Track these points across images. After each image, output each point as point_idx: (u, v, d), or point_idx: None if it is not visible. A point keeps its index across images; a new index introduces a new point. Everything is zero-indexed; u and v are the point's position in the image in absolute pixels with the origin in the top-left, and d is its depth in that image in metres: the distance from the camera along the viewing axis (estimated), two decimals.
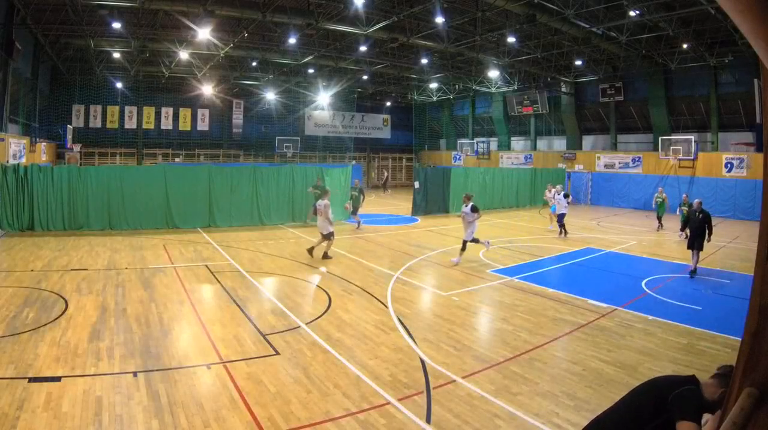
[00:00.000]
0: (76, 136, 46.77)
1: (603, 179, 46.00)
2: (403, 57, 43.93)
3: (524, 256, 21.21)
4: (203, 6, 27.58)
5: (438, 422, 7.68)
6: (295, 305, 13.53)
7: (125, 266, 17.31)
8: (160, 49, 39.84)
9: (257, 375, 9.10)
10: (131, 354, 9.79)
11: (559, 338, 11.46)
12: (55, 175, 23.80)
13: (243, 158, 58.62)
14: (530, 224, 31.28)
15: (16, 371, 8.75)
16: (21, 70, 34.07)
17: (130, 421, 7.37)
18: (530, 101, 52.50)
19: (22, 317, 11.66)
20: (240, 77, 49.59)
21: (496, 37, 36.04)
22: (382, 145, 69.00)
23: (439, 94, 61.12)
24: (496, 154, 58.60)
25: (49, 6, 30.07)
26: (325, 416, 7.76)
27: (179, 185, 25.34)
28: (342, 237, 24.64)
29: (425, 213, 34.08)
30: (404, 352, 10.47)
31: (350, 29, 32.62)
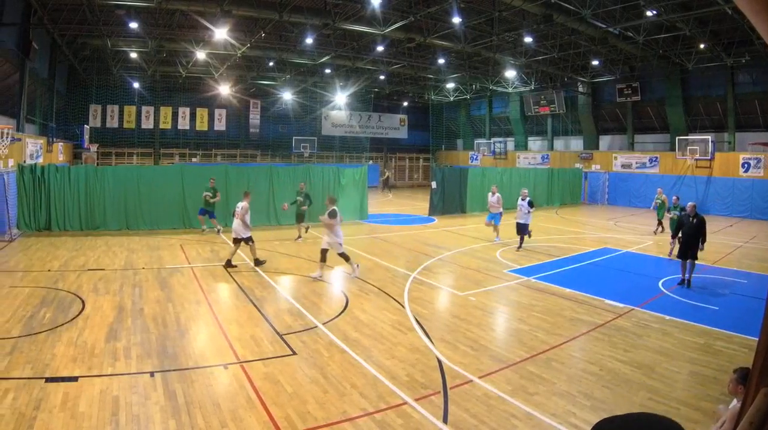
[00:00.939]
0: (93, 136, 46.94)
1: (620, 179, 45.75)
2: (419, 57, 43.87)
3: (541, 256, 21.14)
4: (220, 6, 27.68)
5: (455, 422, 7.69)
6: (311, 305, 13.57)
7: (142, 266, 17.38)
8: (177, 49, 40.03)
9: (274, 375, 9.12)
10: (148, 354, 9.84)
11: (576, 338, 11.45)
12: (72, 175, 23.93)
13: (260, 158, 58.62)
14: (547, 224, 31.14)
15: (33, 371, 8.81)
16: (38, 70, 34.19)
17: (147, 421, 7.41)
18: (547, 101, 52.31)
19: (39, 316, 11.75)
20: (257, 77, 49.65)
21: (513, 37, 35.92)
22: (398, 145, 68.87)
23: (456, 94, 60.93)
24: (513, 154, 58.42)
25: (65, 6, 30.26)
26: (342, 416, 7.79)
27: (196, 185, 25.34)
28: (359, 237, 24.72)
29: (442, 213, 34.03)
30: (421, 352, 10.48)
31: (367, 29, 32.65)
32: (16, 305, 12.58)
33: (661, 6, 27.70)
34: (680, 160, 40.85)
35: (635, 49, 37.03)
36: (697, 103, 41.42)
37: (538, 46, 38.27)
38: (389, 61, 43.85)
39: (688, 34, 31.75)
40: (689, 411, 8.09)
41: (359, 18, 31.08)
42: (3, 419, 7.17)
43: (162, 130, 53.95)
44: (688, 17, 29.19)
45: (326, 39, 37.67)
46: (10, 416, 7.28)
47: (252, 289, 15.00)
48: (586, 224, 31.69)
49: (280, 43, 39.48)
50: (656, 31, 32.97)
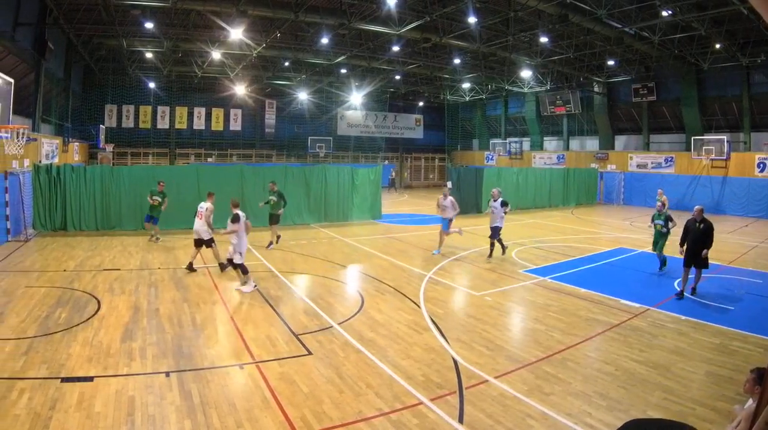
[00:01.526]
0: (108, 136, 47.06)
1: (635, 179, 45.52)
2: (435, 57, 43.80)
3: (557, 256, 21.12)
4: (236, 6, 27.75)
5: (470, 422, 7.71)
6: (327, 305, 13.60)
7: (158, 266, 17.45)
8: (192, 49, 40.19)
9: (290, 375, 9.16)
10: (164, 354, 9.90)
11: (592, 338, 11.45)
12: (88, 175, 24.07)
13: (276, 158, 58.63)
14: (563, 224, 31.07)
15: (48, 371, 8.88)
16: (53, 70, 34.39)
17: (163, 421, 7.46)
18: (563, 101, 52.15)
19: (55, 316, 11.83)
20: (272, 77, 49.71)
21: (528, 37, 35.87)
22: (414, 145, 68.75)
23: (472, 94, 60.73)
24: (529, 154, 58.25)
25: (81, 6, 30.37)
26: (358, 416, 7.81)
27: (212, 185, 25.24)
28: (374, 237, 24.79)
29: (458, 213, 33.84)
30: (437, 352, 10.50)
31: (383, 29, 32.62)
32: (31, 305, 12.68)
33: (676, 6, 27.56)
34: (696, 160, 40.60)
35: (651, 49, 36.93)
36: (713, 103, 41.18)
37: (553, 46, 38.13)
38: (405, 61, 43.79)
39: (704, 34, 31.53)
40: (705, 411, 8.09)
41: (375, 18, 31.08)
42: (19, 419, 7.23)
43: (177, 130, 54.12)
44: (704, 17, 29.02)
45: (342, 39, 37.69)
46: (26, 416, 7.34)
47: (267, 289, 15.05)
48: (601, 223, 31.59)
49: (296, 43, 39.55)
50: (672, 31, 32.82)
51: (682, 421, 3.91)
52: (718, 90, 40.59)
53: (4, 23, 23.73)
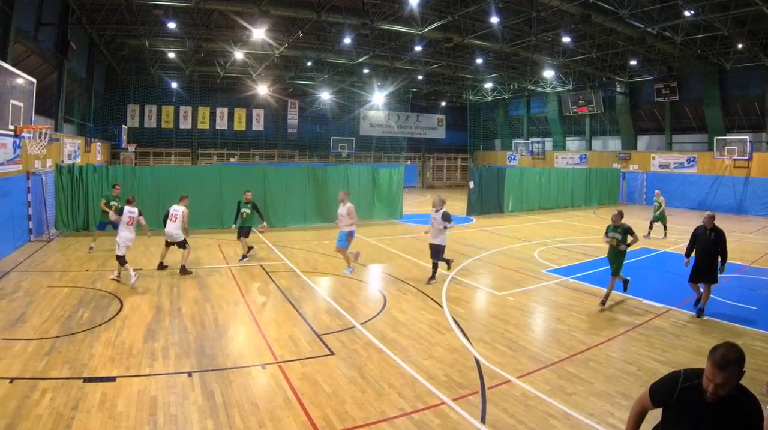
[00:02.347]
0: (131, 136, 47.46)
1: (658, 179, 45.16)
2: (457, 57, 43.80)
3: (579, 256, 21.07)
4: (258, 6, 27.86)
5: (493, 422, 7.69)
6: (350, 305, 13.62)
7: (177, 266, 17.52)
8: (215, 49, 40.42)
9: (312, 375, 9.17)
10: (186, 354, 9.94)
11: (614, 338, 11.42)
12: (110, 175, 24.10)
13: (298, 158, 59.02)
14: (585, 224, 30.93)
15: (71, 371, 8.94)
16: (76, 70, 34.69)
17: (185, 421, 7.49)
18: (585, 101, 51.97)
19: (77, 316, 11.92)
20: (295, 77, 49.89)
21: (551, 37, 35.74)
22: (436, 145, 68.82)
23: (494, 94, 60.66)
24: (551, 154, 58.23)
25: (103, 6, 30.65)
26: (380, 416, 7.82)
27: (234, 185, 25.38)
28: (396, 237, 24.78)
29: (480, 213, 33.96)
30: (459, 352, 10.49)
31: (405, 29, 32.68)
32: (54, 305, 12.77)
33: (698, 6, 27.43)
34: (718, 160, 40.44)
35: (673, 49, 36.80)
36: (735, 103, 40.93)
37: (576, 46, 38.04)
38: (427, 61, 43.85)
39: (726, 34, 31.38)
40: None
41: (397, 18, 31.10)
42: (41, 420, 7.28)
43: (200, 130, 54.52)
44: (726, 17, 28.83)
45: (364, 39, 37.79)
46: (48, 416, 7.38)
47: (290, 289, 15.07)
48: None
49: (318, 43, 39.72)
50: (694, 31, 32.64)
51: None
52: (740, 90, 40.33)
53: (26, 23, 23.94)
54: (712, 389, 3.86)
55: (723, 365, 3.87)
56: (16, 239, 19.74)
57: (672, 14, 29.65)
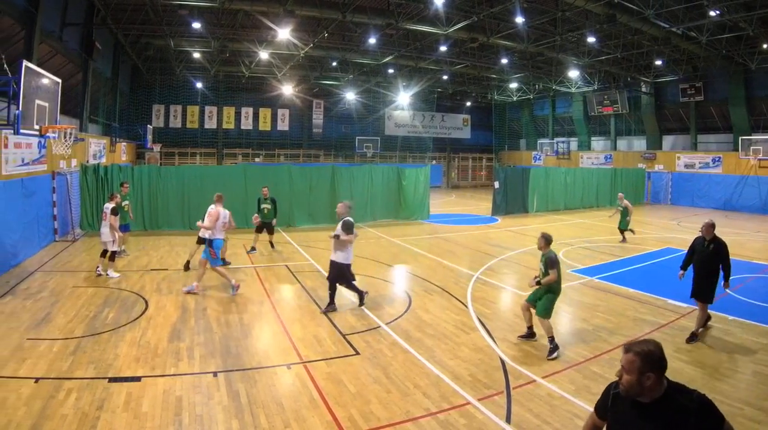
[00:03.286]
0: (156, 136, 47.54)
1: (683, 179, 45.16)
2: (483, 57, 43.60)
3: (604, 256, 20.98)
4: (283, 6, 27.90)
5: (518, 422, 7.69)
6: (375, 305, 13.60)
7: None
8: (240, 49, 40.58)
9: (337, 375, 9.19)
10: (211, 354, 9.99)
11: (639, 338, 11.19)
12: (135, 175, 24.27)
13: (323, 158, 59.07)
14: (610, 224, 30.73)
15: (96, 371, 9.00)
16: (101, 69, 34.99)
17: (210, 421, 7.53)
18: (610, 101, 51.58)
19: (102, 317, 12.00)
20: (320, 77, 49.92)
21: (576, 37, 35.55)
22: (461, 145, 68.41)
23: (519, 94, 60.33)
24: (576, 154, 57.91)
25: (129, 6, 30.81)
26: (405, 416, 7.82)
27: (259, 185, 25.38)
28: (422, 237, 24.75)
29: (505, 213, 33.87)
30: (484, 352, 10.49)
31: (430, 29, 32.59)
32: (79, 305, 12.87)
33: (723, 6, 27.24)
34: (743, 160, 40.02)
35: (698, 49, 36.48)
36: (761, 103, 40.46)
37: (601, 46, 37.76)
38: (452, 61, 43.67)
39: (752, 34, 31.00)
40: (753, 411, 8.06)
41: (422, 18, 31.02)
42: (66, 419, 7.34)
43: (225, 130, 54.76)
44: (751, 17, 28.55)
45: (389, 39, 37.73)
46: (73, 415, 7.44)
47: (315, 289, 15.10)
48: (649, 223, 31.22)
49: (343, 43, 39.67)
50: (719, 31, 32.42)
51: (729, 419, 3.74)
52: (765, 90, 39.88)
53: (51, 23, 24.08)
54: (620, 379, 3.87)
55: (627, 348, 3.87)
56: (41, 238, 19.87)
57: (697, 14, 29.42)
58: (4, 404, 7.67)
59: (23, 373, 8.80)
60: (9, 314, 11.94)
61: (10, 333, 10.65)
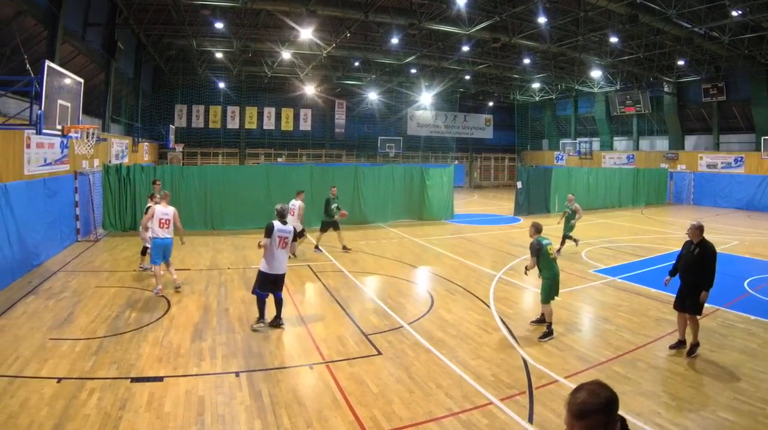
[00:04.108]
0: (178, 136, 47.83)
1: (705, 179, 44.94)
2: (505, 57, 43.51)
3: (626, 256, 20.89)
4: (306, 6, 27.97)
5: (540, 422, 7.69)
6: (397, 305, 13.61)
7: (227, 265, 17.60)
8: (262, 49, 40.81)
9: (360, 375, 9.20)
10: (234, 354, 10.02)
11: (662, 338, 11.34)
12: (158, 175, 24.05)
13: (345, 158, 59.10)
14: (632, 224, 30.62)
15: (118, 371, 9.04)
16: (123, 70, 35.23)
17: (233, 421, 7.54)
18: (632, 101, 51.42)
19: (125, 317, 12.06)
20: (342, 77, 50.01)
21: (598, 37, 35.39)
22: (484, 145, 68.23)
23: (542, 94, 60.19)
24: (599, 154, 57.71)
25: (151, 6, 30.98)
26: (428, 416, 7.82)
27: (281, 185, 25.50)
28: (445, 237, 24.71)
29: (527, 213, 33.66)
30: (506, 352, 10.50)
31: (453, 29, 32.54)
32: (101, 305, 12.93)
33: (746, 6, 27.05)
34: (766, 160, 39.75)
35: (721, 49, 36.32)
36: None
37: (623, 46, 37.59)
38: (474, 61, 43.63)
39: None
40: None
41: (444, 18, 30.96)
42: (89, 419, 7.37)
43: (248, 130, 55.00)
44: None
45: (412, 39, 37.68)
46: (96, 415, 7.48)
47: (337, 289, 15.11)
48: (671, 223, 31.03)
49: (366, 43, 39.68)
50: (742, 31, 32.25)
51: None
52: None
53: (74, 24, 24.26)
54: None
55: (579, 415, 3.10)
56: (63, 238, 19.96)
57: (719, 14, 29.30)
58: (26, 404, 7.72)
59: (45, 373, 8.84)
60: (31, 313, 12.02)
61: (33, 333, 10.72)
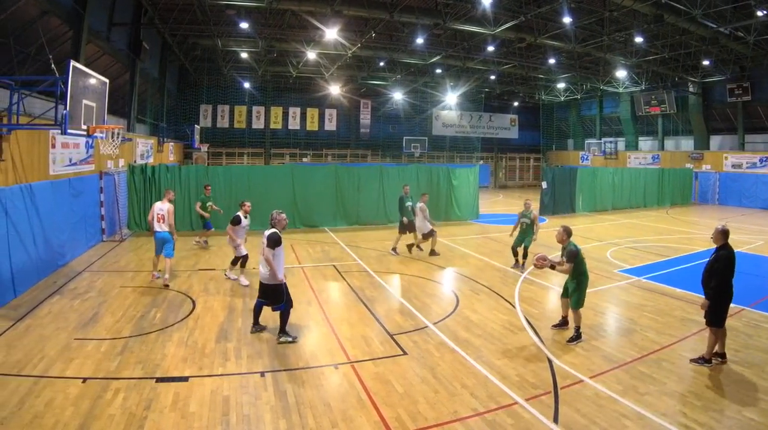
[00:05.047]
0: (203, 136, 48.09)
1: (730, 179, 44.65)
2: (530, 57, 43.41)
3: (651, 256, 20.74)
4: (331, 6, 28.02)
5: (566, 422, 7.67)
6: (422, 305, 13.59)
7: (253, 266, 17.44)
8: (287, 49, 40.89)
9: (385, 375, 9.20)
10: (258, 354, 10.02)
11: (687, 338, 11.32)
12: (183, 175, 24.33)
13: (371, 158, 59.15)
14: (658, 224, 30.42)
15: (143, 372, 9.08)
16: (148, 70, 35.46)
17: (258, 421, 7.55)
18: (658, 101, 51.13)
19: (150, 317, 12.11)
20: (367, 77, 50.10)
21: (623, 37, 35.26)
22: (509, 145, 68.05)
23: (567, 94, 60.01)
24: (624, 154, 57.44)
25: (176, 6, 31.20)
26: (453, 416, 7.81)
27: (306, 185, 25.59)
28: (470, 237, 24.67)
29: (553, 213, 33.55)
30: (532, 352, 10.47)
31: (478, 29, 32.45)
32: (126, 304, 13.00)
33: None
34: None
35: (746, 49, 36.01)
36: None
37: (648, 46, 37.43)
38: (500, 61, 43.48)
39: None
40: None
41: (470, 18, 30.92)
42: (114, 419, 7.41)
43: (273, 130, 55.32)
44: None
45: (437, 39, 37.68)
46: (121, 416, 7.52)
47: (362, 289, 15.10)
48: (696, 223, 30.79)
49: (391, 43, 39.71)
50: (767, 31, 31.92)
51: None
52: None
53: (99, 23, 24.45)
54: None
55: None
56: (88, 238, 20.10)
57: (744, 14, 29.21)
58: (51, 404, 7.77)
59: (71, 373, 8.90)
60: (57, 314, 12.10)
61: (58, 333, 10.79)
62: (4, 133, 13.20)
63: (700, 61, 40.95)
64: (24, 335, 10.66)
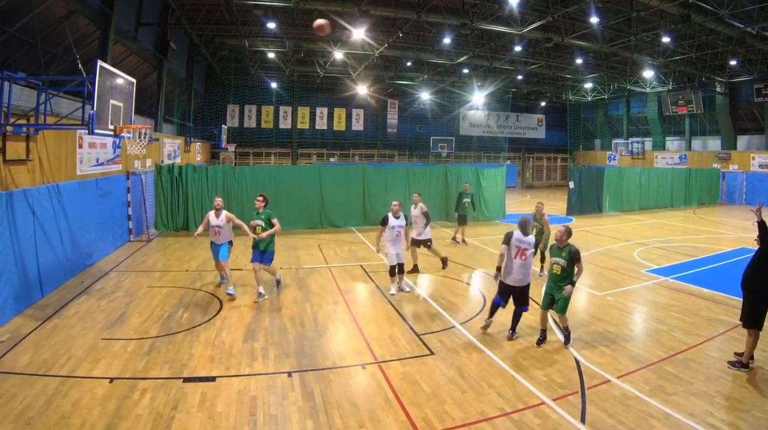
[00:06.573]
0: (230, 136, 48.42)
1: (758, 179, 44.30)
2: (557, 57, 43.22)
3: (679, 256, 20.55)
4: (358, 6, 28.12)
5: (593, 422, 7.65)
6: (449, 305, 13.57)
7: (280, 266, 17.48)
8: (314, 49, 41.09)
9: (412, 375, 9.17)
10: (286, 354, 10.04)
11: (714, 338, 11.26)
12: (210, 175, 24.31)
13: (398, 158, 59.29)
14: (685, 224, 30.18)
15: (171, 372, 9.12)
16: (176, 70, 35.68)
17: (285, 421, 7.56)
18: (685, 101, 50.83)
19: (177, 317, 12.17)
20: (394, 77, 50.12)
21: (650, 37, 34.95)
22: (536, 145, 67.82)
23: (594, 94, 59.80)
24: (651, 154, 57.16)
25: (203, 6, 31.40)
26: (480, 416, 7.80)
27: (334, 185, 25.61)
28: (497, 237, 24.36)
29: (580, 213, 33.48)
30: (559, 352, 10.44)
31: (505, 29, 32.41)
32: (153, 304, 13.07)
33: None
34: None
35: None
36: None
37: (675, 46, 37.18)
38: (527, 61, 43.36)
39: None
40: None
41: (497, 18, 30.87)
42: (141, 419, 7.45)
43: (300, 130, 55.59)
44: None
45: (464, 39, 37.60)
46: (148, 415, 7.55)
47: (389, 289, 14.99)
48: (724, 223, 30.51)
49: (418, 43, 39.73)
50: None
51: None
52: None
53: (126, 24, 24.60)
54: None
55: None
56: (116, 238, 20.23)
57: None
58: (78, 404, 7.82)
59: (98, 373, 8.96)
60: (84, 314, 12.19)
61: (85, 333, 10.87)
62: (31, 134, 13.31)
63: (727, 61, 40.72)
64: (51, 335, 10.74)
